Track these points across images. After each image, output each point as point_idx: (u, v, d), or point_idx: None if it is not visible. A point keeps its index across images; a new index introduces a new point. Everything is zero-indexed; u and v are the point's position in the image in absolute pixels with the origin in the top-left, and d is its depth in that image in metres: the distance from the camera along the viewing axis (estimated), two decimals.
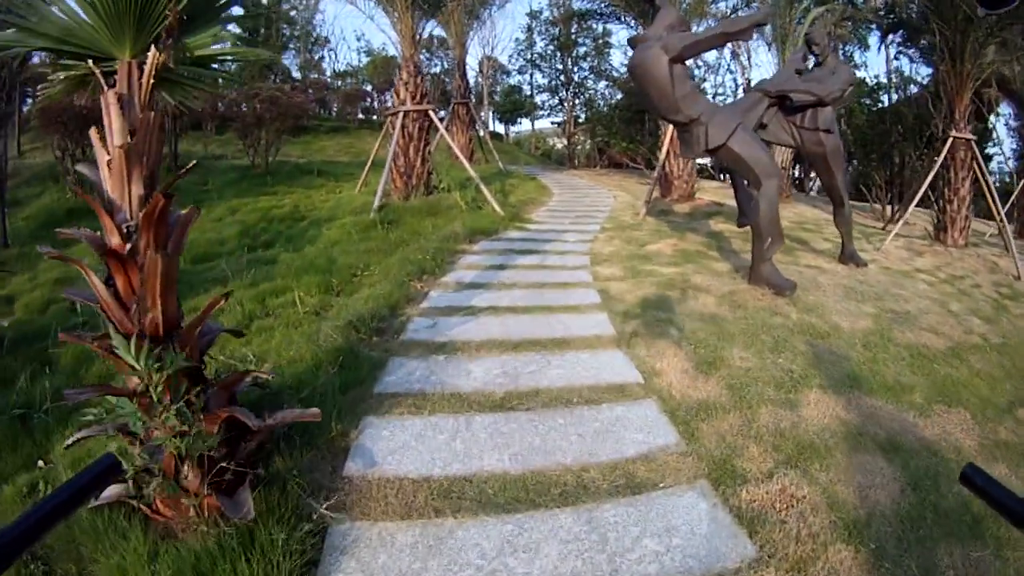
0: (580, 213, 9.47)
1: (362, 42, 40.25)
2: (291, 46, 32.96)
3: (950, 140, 8.70)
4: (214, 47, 2.32)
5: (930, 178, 8.75)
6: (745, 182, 6.10)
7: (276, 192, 12.08)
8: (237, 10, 2.70)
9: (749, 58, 25.31)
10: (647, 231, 7.68)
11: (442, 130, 8.76)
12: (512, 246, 6.63)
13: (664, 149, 9.66)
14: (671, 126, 9.90)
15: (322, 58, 34.55)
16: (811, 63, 6.13)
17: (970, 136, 8.85)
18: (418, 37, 9.28)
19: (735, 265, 5.87)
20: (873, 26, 21.24)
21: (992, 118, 14.86)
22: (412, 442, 2.63)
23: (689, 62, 5.01)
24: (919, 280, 6.54)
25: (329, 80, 28.40)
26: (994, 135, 16.41)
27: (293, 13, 32.48)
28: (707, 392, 3.23)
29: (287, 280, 5.82)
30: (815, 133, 5.78)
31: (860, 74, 24.69)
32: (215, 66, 2.42)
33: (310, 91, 27.17)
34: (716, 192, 12.87)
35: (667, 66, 4.46)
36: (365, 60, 28.70)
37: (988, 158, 15.83)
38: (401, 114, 8.69)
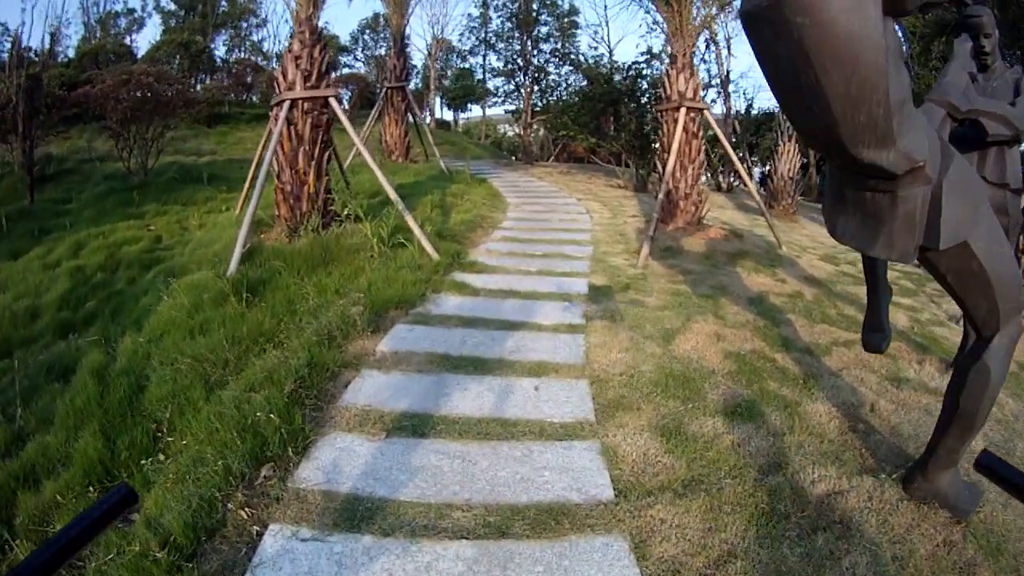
0: (550, 245, 6.67)
1: None
2: (229, 24, 29.20)
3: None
4: None
5: None
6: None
7: (145, 212, 9.02)
8: None
9: (729, 45, 20.31)
10: (660, 295, 4.98)
11: (346, 124, 5.77)
12: (447, 344, 3.81)
13: (671, 162, 6.93)
14: (678, 124, 7.07)
15: (262, 39, 30.89)
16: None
17: None
18: None
19: (846, 404, 3.20)
20: None
21: None
22: None
23: None
24: None
25: (262, 62, 24.90)
26: None
27: None
28: None
29: (63, 436, 3.35)
30: (1001, 191, 3.19)
31: None
32: None
33: (246, 70, 23.69)
34: (714, 208, 10.23)
35: (879, 25, 1.25)
36: None
37: None
38: (287, 104, 5.72)
